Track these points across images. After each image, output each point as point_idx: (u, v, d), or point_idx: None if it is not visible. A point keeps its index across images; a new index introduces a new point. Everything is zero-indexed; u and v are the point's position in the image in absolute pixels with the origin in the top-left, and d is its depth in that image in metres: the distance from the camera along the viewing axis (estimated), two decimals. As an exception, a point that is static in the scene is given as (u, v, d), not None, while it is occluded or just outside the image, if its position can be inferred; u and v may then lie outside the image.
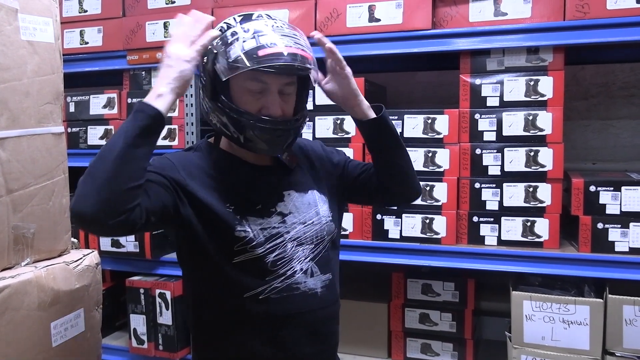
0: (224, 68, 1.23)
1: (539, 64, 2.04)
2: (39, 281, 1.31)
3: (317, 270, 1.36)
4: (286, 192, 1.37)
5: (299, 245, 1.34)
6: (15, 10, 1.32)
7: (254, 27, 1.26)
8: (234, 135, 1.28)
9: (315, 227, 1.37)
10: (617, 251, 1.95)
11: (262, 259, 1.29)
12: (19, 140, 1.32)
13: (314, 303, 1.35)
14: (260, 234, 1.29)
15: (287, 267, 1.32)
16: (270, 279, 1.30)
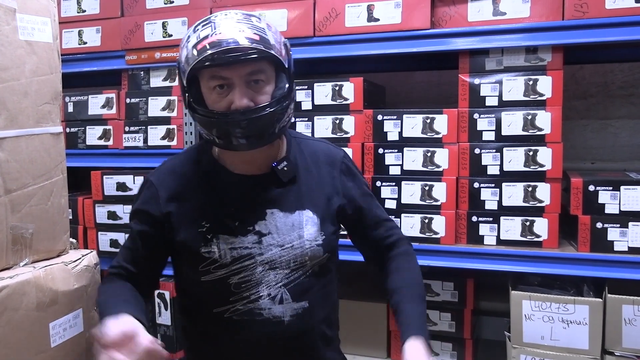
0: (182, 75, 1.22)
1: (538, 64, 2.04)
2: (38, 281, 1.30)
3: (288, 297, 1.28)
4: (269, 211, 1.29)
5: (271, 269, 1.27)
6: (13, 9, 1.31)
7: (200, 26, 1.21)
8: (210, 138, 1.24)
9: (295, 251, 1.28)
10: (616, 250, 1.95)
11: (225, 279, 1.26)
12: (18, 140, 1.32)
13: (278, 332, 1.28)
14: (227, 254, 1.25)
15: (252, 291, 1.26)
16: (233, 300, 1.27)
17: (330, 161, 1.39)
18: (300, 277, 1.30)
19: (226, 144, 1.22)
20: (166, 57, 2.49)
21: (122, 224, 2.54)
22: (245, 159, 1.30)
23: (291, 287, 1.29)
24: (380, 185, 2.19)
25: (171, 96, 2.51)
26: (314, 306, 1.32)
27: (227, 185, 1.30)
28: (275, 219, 1.28)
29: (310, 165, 1.36)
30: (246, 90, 1.19)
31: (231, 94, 1.19)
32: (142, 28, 2.53)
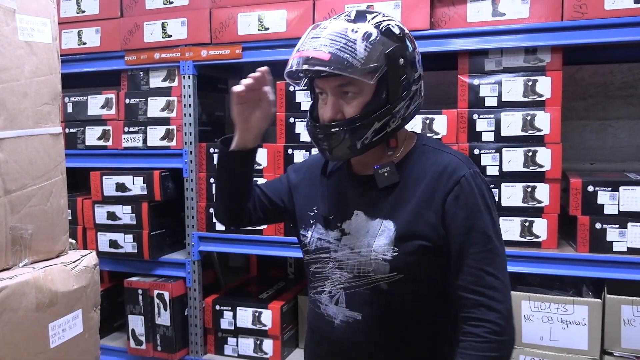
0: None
1: (537, 64, 2.04)
2: (37, 282, 1.30)
3: (342, 302, 1.26)
4: (356, 212, 1.28)
5: (339, 269, 1.27)
6: (12, 10, 1.31)
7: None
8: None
9: (360, 257, 1.23)
10: (615, 251, 1.95)
11: (308, 264, 1.37)
12: (17, 140, 1.32)
13: (327, 331, 1.29)
14: (313, 243, 1.33)
15: (320, 283, 1.32)
16: (311, 286, 1.37)
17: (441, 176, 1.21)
18: (361, 286, 1.24)
19: (319, 150, 1.28)
20: (165, 57, 2.49)
21: (122, 224, 2.54)
22: (365, 161, 1.29)
23: (349, 292, 1.25)
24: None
25: (170, 97, 2.51)
26: (370, 324, 1.24)
27: (340, 181, 1.35)
28: (357, 221, 1.27)
29: (421, 177, 1.23)
30: (336, 102, 1.20)
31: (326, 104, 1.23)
32: (142, 28, 2.53)
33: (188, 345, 2.57)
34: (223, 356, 2.55)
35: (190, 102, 2.46)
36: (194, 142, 2.47)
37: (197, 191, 2.49)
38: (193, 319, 2.54)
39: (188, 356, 2.57)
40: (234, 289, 2.72)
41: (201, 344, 2.56)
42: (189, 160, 2.47)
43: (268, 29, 2.32)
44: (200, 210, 2.49)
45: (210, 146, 2.48)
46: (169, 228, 2.63)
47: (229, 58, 2.39)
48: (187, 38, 2.46)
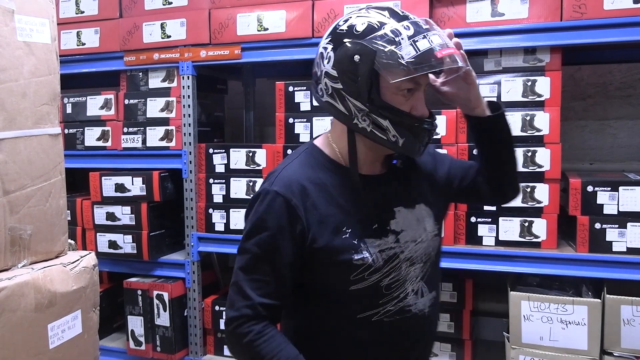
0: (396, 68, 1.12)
1: (536, 65, 2.04)
2: (36, 283, 1.30)
3: (426, 290, 1.29)
4: (396, 209, 1.27)
5: (411, 265, 1.26)
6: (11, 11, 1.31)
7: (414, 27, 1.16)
8: (391, 139, 1.18)
9: (424, 244, 1.29)
10: (615, 251, 1.95)
11: (377, 283, 1.22)
12: (16, 141, 1.32)
13: (423, 324, 1.29)
14: (379, 257, 1.22)
15: (400, 290, 1.25)
16: (384, 302, 1.23)
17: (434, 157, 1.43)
18: (429, 268, 1.31)
19: (408, 148, 1.20)
20: (164, 58, 2.49)
21: (121, 225, 2.54)
22: (375, 158, 1.28)
23: (426, 279, 1.30)
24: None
25: (169, 97, 2.51)
26: (439, 294, 1.38)
27: (356, 187, 1.25)
28: (402, 216, 1.28)
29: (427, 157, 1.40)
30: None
31: (412, 99, 1.18)
32: (141, 29, 2.53)
33: (187, 346, 2.57)
34: (222, 357, 2.55)
35: (190, 103, 2.46)
36: (193, 143, 2.47)
37: (197, 192, 2.49)
38: (192, 319, 2.54)
39: (187, 357, 2.57)
40: (234, 289, 2.72)
41: (201, 344, 2.56)
42: (188, 160, 2.47)
43: (267, 29, 2.32)
44: (199, 210, 2.49)
45: (209, 147, 2.47)
46: (168, 229, 2.63)
47: (228, 58, 2.39)
48: (186, 38, 2.45)
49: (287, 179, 1.22)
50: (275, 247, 1.19)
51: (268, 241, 1.19)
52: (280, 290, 1.21)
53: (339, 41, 1.17)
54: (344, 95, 1.17)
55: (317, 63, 1.23)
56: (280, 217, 1.19)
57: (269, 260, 1.20)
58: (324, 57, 1.19)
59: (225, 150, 2.45)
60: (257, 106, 2.97)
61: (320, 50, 1.22)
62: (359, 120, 1.18)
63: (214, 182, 2.47)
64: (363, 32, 1.15)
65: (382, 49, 1.13)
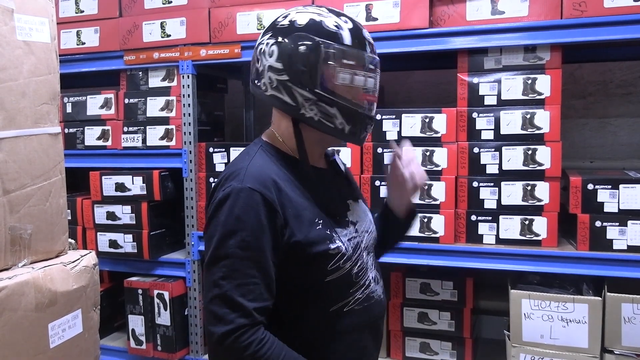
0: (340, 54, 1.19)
1: (537, 63, 2.04)
2: (36, 282, 1.30)
3: (378, 277, 1.36)
4: (348, 201, 1.35)
5: (368, 254, 1.32)
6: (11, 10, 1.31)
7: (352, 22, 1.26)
8: (338, 127, 1.21)
9: (371, 235, 1.36)
10: (615, 249, 1.95)
11: (349, 272, 1.24)
12: (16, 140, 1.32)
13: (382, 308, 1.35)
14: (349, 246, 1.24)
15: (365, 277, 1.28)
16: (353, 291, 1.25)
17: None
18: (374, 257, 1.38)
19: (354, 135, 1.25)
20: (164, 57, 2.49)
21: (121, 224, 2.54)
22: (321, 152, 1.33)
23: (376, 266, 1.37)
24: (379, 184, 2.19)
25: (169, 96, 2.50)
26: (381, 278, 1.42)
27: (314, 180, 1.26)
28: (354, 208, 1.34)
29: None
30: None
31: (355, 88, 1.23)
32: (141, 28, 2.52)
33: (188, 345, 2.57)
34: (223, 356, 2.55)
35: (190, 102, 2.46)
36: (194, 142, 2.47)
37: (197, 191, 2.49)
38: (193, 318, 2.54)
39: (188, 356, 2.57)
40: (234, 288, 2.72)
41: (201, 343, 2.56)
42: (189, 159, 2.47)
43: (267, 28, 2.31)
44: (199, 209, 2.49)
45: (209, 146, 2.47)
46: (168, 228, 2.63)
47: (228, 57, 2.38)
48: (186, 38, 2.45)
49: (257, 175, 1.17)
50: (258, 246, 1.13)
51: (249, 240, 1.12)
52: (269, 289, 1.15)
53: (282, 35, 1.21)
54: (290, 86, 1.19)
55: (257, 59, 1.25)
56: (259, 214, 1.13)
57: (253, 261, 1.12)
58: (266, 52, 1.22)
59: (226, 149, 2.45)
60: (257, 105, 2.97)
61: (259, 47, 1.24)
62: (305, 110, 1.20)
63: (214, 181, 2.46)
64: (306, 25, 1.20)
65: (326, 39, 1.19)
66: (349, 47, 1.20)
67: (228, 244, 1.12)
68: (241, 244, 1.12)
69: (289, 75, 1.19)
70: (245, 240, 1.12)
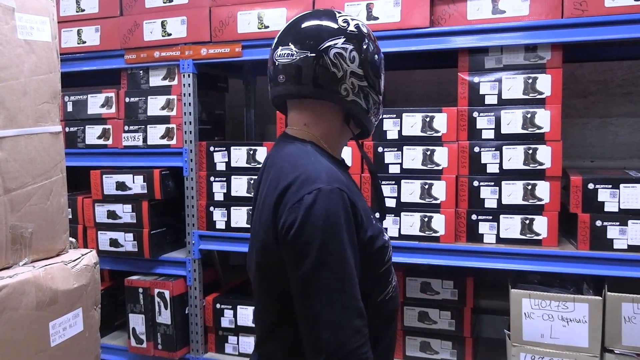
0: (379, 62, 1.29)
1: (537, 62, 2.04)
2: (37, 281, 1.30)
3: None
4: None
5: None
6: (12, 9, 1.31)
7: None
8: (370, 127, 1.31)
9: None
10: (616, 249, 1.95)
11: (388, 266, 1.27)
12: (17, 139, 1.32)
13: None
14: (387, 238, 1.29)
15: (392, 267, 1.32)
16: (391, 279, 1.29)
17: None
18: None
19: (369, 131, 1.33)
20: (165, 56, 2.49)
21: (122, 223, 2.54)
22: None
23: None
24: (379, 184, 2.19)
25: (170, 95, 2.51)
26: None
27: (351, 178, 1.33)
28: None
29: None
30: None
31: None
32: (141, 27, 2.53)
33: (189, 344, 2.57)
34: (224, 355, 2.55)
35: (190, 101, 2.46)
36: (194, 141, 2.47)
37: (198, 190, 2.49)
38: (194, 317, 2.54)
39: (189, 355, 2.57)
40: (235, 287, 2.72)
41: (202, 342, 2.56)
42: (189, 158, 2.47)
43: (268, 27, 2.31)
44: (200, 208, 2.49)
45: (210, 145, 2.48)
46: (169, 227, 2.63)
47: (228, 56, 2.38)
48: (187, 36, 2.45)
49: (335, 175, 1.15)
50: (353, 243, 1.11)
51: (349, 237, 1.09)
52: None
53: (358, 41, 1.24)
54: (369, 92, 1.25)
55: (333, 64, 1.19)
56: (348, 213, 1.11)
57: (353, 259, 1.10)
58: (345, 57, 1.21)
59: (226, 148, 2.46)
60: (257, 104, 2.97)
61: (333, 51, 1.20)
62: (371, 114, 1.28)
63: (214, 180, 2.47)
64: (368, 33, 1.28)
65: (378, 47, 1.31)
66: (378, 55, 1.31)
67: (331, 245, 1.07)
68: (344, 246, 1.08)
69: (367, 81, 1.25)
70: (345, 238, 1.09)
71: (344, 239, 1.08)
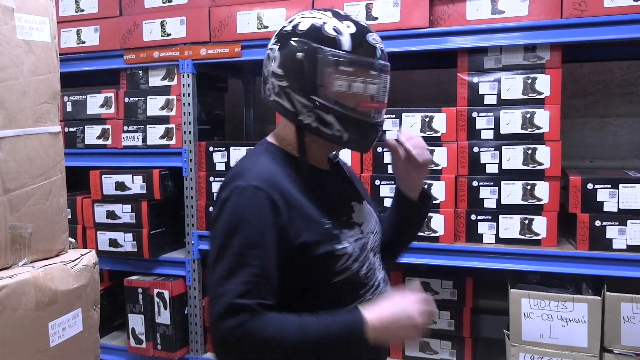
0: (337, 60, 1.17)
1: (537, 62, 2.04)
2: (37, 281, 1.30)
3: (387, 278, 1.36)
4: (352, 203, 1.33)
5: (375, 255, 1.32)
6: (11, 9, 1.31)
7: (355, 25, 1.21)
8: (336, 134, 1.20)
9: (377, 236, 1.36)
10: (615, 248, 1.95)
11: (358, 273, 1.23)
12: (16, 139, 1.32)
13: None
14: (355, 247, 1.24)
15: (374, 278, 1.28)
16: (363, 292, 1.25)
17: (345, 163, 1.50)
18: (379, 258, 1.37)
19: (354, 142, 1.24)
20: (164, 56, 2.49)
21: (121, 223, 2.54)
22: (325, 155, 1.33)
23: (383, 267, 1.37)
24: (379, 184, 2.19)
25: (170, 95, 2.51)
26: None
27: (322, 181, 1.29)
28: (359, 209, 1.34)
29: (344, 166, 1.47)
30: None
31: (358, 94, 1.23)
32: (141, 27, 2.52)
33: (188, 344, 2.57)
34: (223, 355, 2.55)
35: (190, 101, 2.46)
36: (194, 141, 2.47)
37: (197, 190, 2.49)
38: (193, 317, 2.54)
39: (188, 355, 2.57)
40: (234, 287, 2.72)
41: (201, 342, 2.56)
42: (189, 159, 2.47)
43: (267, 27, 2.31)
44: (199, 209, 2.49)
45: (209, 145, 2.48)
46: (168, 227, 2.63)
47: (228, 57, 2.38)
48: (186, 37, 2.45)
49: (261, 174, 1.17)
50: (261, 243, 1.11)
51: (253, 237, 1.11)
52: (271, 288, 1.12)
53: (284, 41, 1.21)
54: (289, 92, 1.20)
55: (264, 64, 1.27)
56: (262, 211, 1.12)
57: (256, 258, 1.10)
58: (270, 57, 1.24)
59: (226, 148, 2.46)
60: (257, 104, 2.97)
61: (267, 52, 1.26)
62: (304, 117, 1.20)
63: (214, 180, 2.47)
64: (307, 30, 1.20)
65: (324, 46, 1.18)
66: (347, 52, 1.18)
67: (232, 241, 1.10)
68: (244, 241, 1.10)
69: (288, 82, 1.20)
70: (248, 237, 1.10)
71: (246, 234, 1.10)
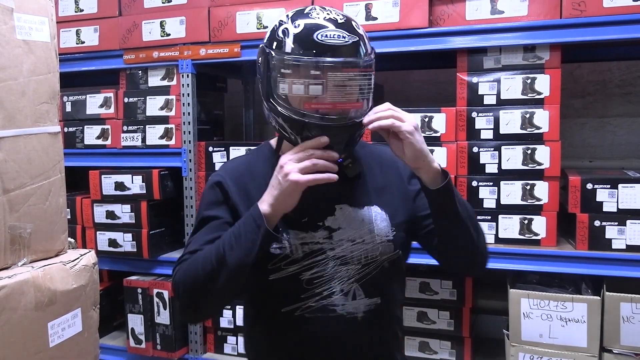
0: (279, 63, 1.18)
1: (536, 62, 2.04)
2: (36, 281, 1.30)
3: (360, 293, 1.27)
4: (338, 206, 1.29)
5: (343, 265, 1.26)
6: (10, 9, 1.31)
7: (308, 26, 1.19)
8: (290, 137, 1.21)
9: (366, 246, 1.28)
10: (614, 248, 1.95)
11: (296, 276, 1.23)
12: (15, 140, 1.32)
13: (353, 327, 1.26)
14: (299, 249, 1.23)
15: (324, 287, 1.25)
16: (304, 297, 1.24)
17: (396, 165, 1.38)
18: (372, 272, 1.28)
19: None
20: (164, 56, 2.49)
21: (121, 223, 2.54)
22: None
23: (363, 282, 1.27)
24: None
25: (169, 95, 2.51)
26: (388, 302, 1.32)
27: None
28: (345, 213, 1.28)
29: (374, 166, 1.37)
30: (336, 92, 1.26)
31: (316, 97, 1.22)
32: (140, 27, 2.52)
33: (188, 344, 2.57)
34: (223, 355, 2.55)
35: (189, 101, 2.46)
36: (193, 141, 2.47)
37: (197, 190, 2.49)
38: (192, 317, 2.54)
39: (188, 355, 2.57)
40: (234, 287, 2.72)
41: (201, 342, 2.56)
42: (188, 159, 2.47)
43: (267, 27, 2.30)
44: (199, 209, 2.48)
45: (209, 145, 2.47)
46: (168, 227, 2.63)
47: (227, 57, 2.38)
48: (186, 37, 2.45)
49: (228, 168, 1.37)
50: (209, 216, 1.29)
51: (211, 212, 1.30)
52: None
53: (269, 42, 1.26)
54: (261, 96, 1.26)
55: None
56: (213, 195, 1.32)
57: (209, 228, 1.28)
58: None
59: (225, 148, 2.46)
60: (256, 104, 2.97)
61: None
62: (271, 120, 1.25)
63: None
64: (267, 35, 1.26)
65: (272, 49, 1.21)
66: (287, 54, 1.17)
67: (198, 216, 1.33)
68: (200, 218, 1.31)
69: (259, 87, 1.26)
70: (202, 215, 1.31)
71: (202, 212, 1.32)
